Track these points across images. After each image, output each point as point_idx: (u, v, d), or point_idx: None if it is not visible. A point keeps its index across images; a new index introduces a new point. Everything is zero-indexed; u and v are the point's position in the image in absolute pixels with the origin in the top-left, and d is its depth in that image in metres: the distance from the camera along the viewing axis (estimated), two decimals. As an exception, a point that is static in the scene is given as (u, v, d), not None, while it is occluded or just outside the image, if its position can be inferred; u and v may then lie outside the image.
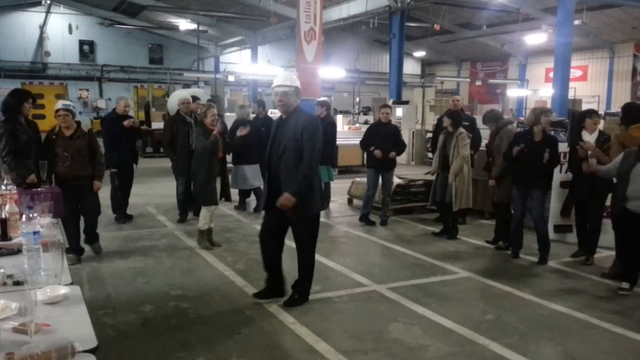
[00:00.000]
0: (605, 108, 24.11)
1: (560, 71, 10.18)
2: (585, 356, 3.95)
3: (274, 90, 4.75)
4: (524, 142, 6.24)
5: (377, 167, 8.12)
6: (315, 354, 3.88)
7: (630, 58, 25.77)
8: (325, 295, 5.12)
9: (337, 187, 11.55)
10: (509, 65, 31.52)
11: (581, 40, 24.50)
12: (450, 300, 5.05)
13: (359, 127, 18.53)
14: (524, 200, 6.35)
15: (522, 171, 6.24)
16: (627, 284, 5.37)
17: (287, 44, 24.76)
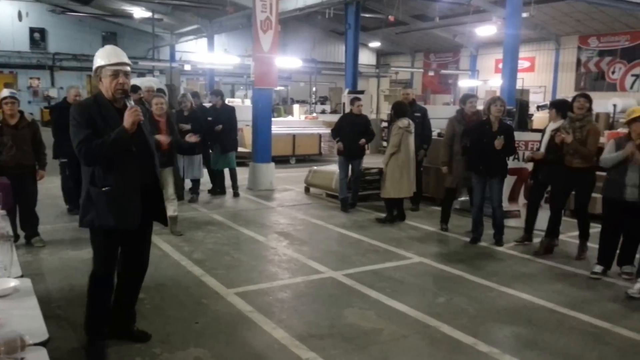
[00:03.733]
0: (552, 98, 24.92)
1: (508, 62, 10.49)
2: (531, 336, 4.14)
3: (122, 70, 3.50)
4: (482, 132, 6.45)
5: (346, 155, 8.37)
6: (273, 340, 3.93)
7: (575, 50, 26.67)
8: (283, 283, 5.18)
9: (295, 176, 11.66)
10: (461, 56, 32.12)
11: (529, 32, 25.19)
12: (404, 285, 5.20)
13: (315, 117, 18.60)
14: (483, 188, 6.58)
15: (481, 160, 6.46)
16: (601, 267, 5.53)
17: (243, 33, 24.49)
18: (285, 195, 9.94)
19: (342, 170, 8.52)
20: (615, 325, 4.33)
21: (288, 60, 21.35)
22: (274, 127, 11.99)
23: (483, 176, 6.51)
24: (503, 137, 6.25)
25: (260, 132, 10.41)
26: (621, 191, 5.26)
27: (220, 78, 27.47)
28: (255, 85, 10.36)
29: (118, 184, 3.45)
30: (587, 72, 26.24)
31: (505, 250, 6.49)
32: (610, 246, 5.56)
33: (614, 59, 25.05)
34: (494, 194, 6.53)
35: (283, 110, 22.80)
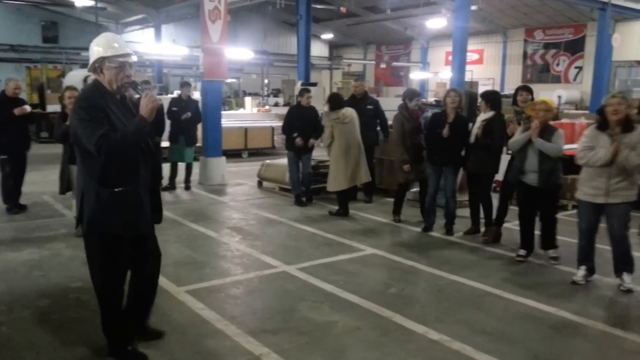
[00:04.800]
0: (500, 90, 25.55)
1: (457, 55, 10.66)
2: (480, 322, 4.22)
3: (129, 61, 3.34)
4: (438, 123, 6.55)
5: (295, 150, 8.28)
6: (225, 338, 3.87)
7: (521, 43, 27.41)
8: (235, 279, 5.11)
9: (248, 170, 11.55)
10: (412, 48, 32.51)
11: (477, 25, 25.73)
12: (358, 277, 5.21)
13: (268, 109, 18.44)
14: (438, 178, 6.68)
15: (436, 151, 6.54)
16: (524, 251, 5.80)
17: (192, 23, 24.00)
18: (237, 189, 9.83)
19: (293, 166, 8.41)
20: (560, 309, 4.46)
21: (239, 51, 21.09)
22: (225, 120, 11.85)
23: (438, 166, 6.60)
24: (448, 126, 6.35)
25: (210, 126, 10.24)
26: (522, 176, 5.56)
27: (169, 70, 26.90)
28: (204, 77, 10.18)
29: (131, 184, 3.27)
30: (533, 64, 27.02)
31: (455, 239, 6.60)
32: (525, 229, 5.79)
33: (558, 51, 25.88)
34: (447, 184, 6.64)
35: (235, 103, 22.53)
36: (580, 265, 5.17)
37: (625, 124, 4.70)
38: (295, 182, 8.47)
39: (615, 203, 4.78)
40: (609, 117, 4.74)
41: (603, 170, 4.76)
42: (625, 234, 4.87)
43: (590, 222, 5.00)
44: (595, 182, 4.84)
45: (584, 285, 5.06)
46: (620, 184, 4.73)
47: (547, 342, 3.91)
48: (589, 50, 22.41)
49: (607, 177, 4.75)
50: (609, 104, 4.76)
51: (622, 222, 4.83)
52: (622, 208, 4.79)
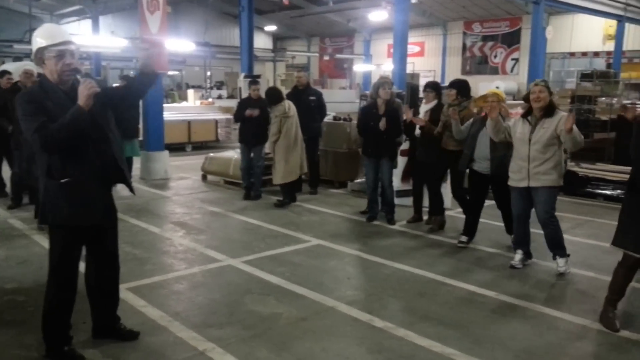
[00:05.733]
0: (441, 81, 26.11)
1: (398, 47, 10.77)
2: (423, 308, 4.32)
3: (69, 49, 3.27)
4: (370, 115, 6.61)
5: (246, 142, 8.19)
6: (168, 334, 3.80)
7: (461, 35, 28.08)
8: (179, 274, 5.02)
9: (191, 164, 11.37)
10: (355, 40, 32.74)
11: (418, 17, 26.17)
12: (303, 268, 5.23)
13: (211, 102, 18.18)
14: (375, 169, 6.75)
15: (371, 143, 6.60)
16: (466, 237, 5.97)
17: (131, 14, 23.28)
18: (181, 183, 9.66)
19: (244, 157, 8.33)
20: (500, 293, 4.62)
21: (180, 43, 20.63)
22: (167, 113, 11.61)
23: (374, 158, 6.68)
24: (385, 120, 6.44)
25: (151, 119, 10.00)
26: (473, 164, 5.73)
27: (107, 62, 26.04)
28: (144, 69, 9.89)
29: (78, 175, 3.18)
30: (471, 56, 27.74)
31: (397, 228, 6.72)
32: (471, 216, 5.98)
33: (496, 43, 26.67)
34: (384, 175, 6.74)
35: (177, 95, 22.09)
36: (517, 250, 5.36)
37: (547, 110, 4.89)
38: (245, 174, 8.38)
39: (537, 187, 4.95)
40: (532, 104, 4.93)
41: (523, 155, 4.96)
42: (550, 217, 5.04)
43: (521, 207, 5.17)
44: (518, 167, 5.03)
45: (521, 269, 5.25)
46: (538, 168, 4.90)
47: (488, 325, 4.04)
48: (525, 42, 23.18)
49: (527, 162, 4.93)
50: (531, 92, 4.96)
51: (545, 206, 5.00)
52: (544, 192, 4.96)
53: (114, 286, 3.69)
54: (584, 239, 6.18)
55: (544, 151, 4.89)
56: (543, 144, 4.87)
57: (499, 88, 18.69)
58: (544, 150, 4.89)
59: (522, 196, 5.13)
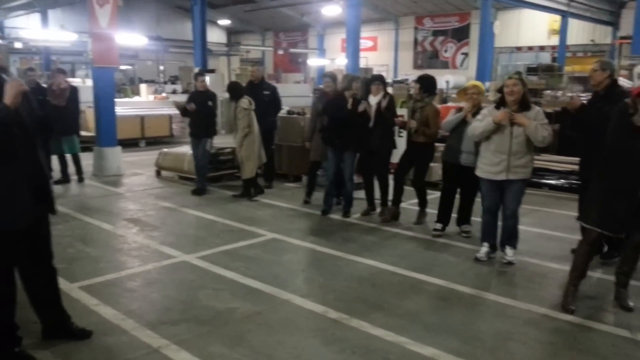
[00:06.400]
0: (393, 76, 26.46)
1: (351, 42, 10.90)
2: (377, 299, 4.41)
3: None
4: (338, 107, 6.70)
5: (196, 135, 8.19)
6: (122, 333, 3.77)
7: (412, 30, 28.52)
8: (132, 272, 4.97)
9: (145, 159, 11.20)
10: (309, 35, 32.81)
11: (371, 12, 26.41)
12: (258, 262, 5.26)
13: (165, 97, 17.90)
14: (337, 161, 6.84)
15: (337, 135, 6.68)
16: (441, 224, 6.15)
17: (81, 7, 22.53)
18: (134, 180, 9.51)
19: (195, 151, 8.33)
20: (450, 282, 4.77)
21: (131, 37, 20.21)
22: (119, 108, 11.41)
23: (339, 150, 6.77)
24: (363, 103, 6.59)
25: (103, 114, 9.80)
26: (458, 156, 5.83)
27: (58, 57, 25.25)
28: (94, 63, 9.71)
29: (3, 176, 3.05)
30: (423, 50, 28.22)
31: (353, 220, 6.83)
32: (447, 205, 6.15)
33: (446, 38, 27.21)
34: (346, 168, 6.83)
35: (130, 90, 21.65)
36: (483, 242, 5.46)
37: (522, 103, 5.01)
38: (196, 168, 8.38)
39: (513, 180, 5.09)
40: (506, 97, 5.03)
41: (504, 148, 5.03)
42: (517, 210, 5.22)
43: (494, 199, 5.28)
44: (496, 159, 5.08)
45: (486, 261, 5.35)
46: (519, 161, 5.03)
47: (438, 313, 4.17)
48: (474, 37, 23.74)
49: (508, 155, 5.03)
50: (505, 85, 5.06)
51: (517, 198, 5.17)
52: (518, 185, 5.12)
53: (52, 288, 3.60)
54: (530, 228, 6.42)
55: (525, 144, 5.02)
56: (525, 137, 4.99)
57: (448, 82, 19.06)
58: (524, 144, 5.02)
59: (496, 189, 5.23)
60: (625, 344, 3.71)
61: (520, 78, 5.10)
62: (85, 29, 22.03)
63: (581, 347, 3.65)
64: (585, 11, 21.26)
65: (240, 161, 7.83)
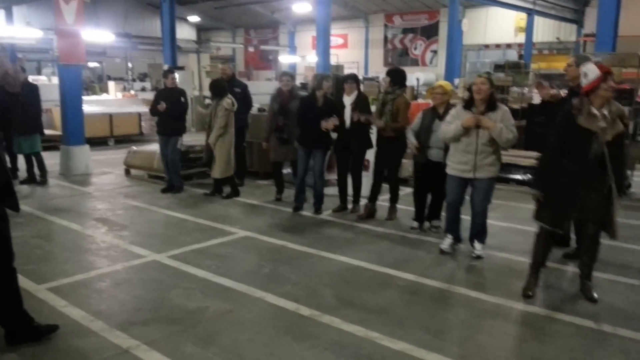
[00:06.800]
0: (364, 73, 26.60)
1: (322, 39, 10.91)
2: (349, 295, 4.45)
3: None
4: (308, 106, 6.70)
5: (164, 133, 8.09)
6: (91, 334, 3.72)
7: (382, 28, 28.69)
8: (101, 272, 4.90)
9: (114, 158, 11.05)
10: (280, 32, 32.72)
11: (341, 10, 26.48)
12: (230, 260, 5.24)
13: (134, 95, 17.66)
14: (307, 160, 6.85)
15: (308, 133, 6.68)
16: (417, 222, 6.22)
17: (46, 4, 21.98)
18: (103, 179, 9.37)
19: (163, 149, 8.23)
20: (420, 276, 4.83)
21: (98, 34, 19.85)
22: (87, 106, 11.23)
23: (309, 149, 6.77)
24: (332, 120, 6.54)
25: (70, 113, 9.62)
26: (427, 152, 5.89)
27: (23, 54, 24.67)
28: (60, 61, 9.53)
29: None
30: (393, 48, 28.41)
31: (325, 217, 6.85)
32: (421, 203, 6.22)
33: (416, 36, 27.45)
34: (316, 165, 6.85)
35: (98, 88, 21.30)
36: (447, 234, 5.58)
37: (489, 103, 5.10)
38: (166, 166, 8.28)
39: (481, 178, 5.18)
40: (474, 95, 5.10)
41: (471, 147, 5.11)
42: (486, 207, 5.32)
43: (457, 195, 5.38)
44: (464, 158, 5.16)
45: (451, 253, 5.48)
46: (486, 160, 5.12)
47: (409, 308, 4.22)
48: (443, 34, 23.99)
49: (474, 154, 5.11)
50: (474, 83, 5.14)
51: (485, 196, 5.26)
52: (486, 183, 5.21)
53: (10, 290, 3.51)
54: (498, 222, 6.53)
55: (491, 144, 5.10)
56: (489, 137, 5.06)
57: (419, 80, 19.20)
58: (490, 143, 5.09)
59: (461, 186, 5.32)
60: (591, 334, 3.81)
61: (489, 77, 5.17)
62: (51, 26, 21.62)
63: (548, 338, 3.74)
64: (551, 9, 21.69)
65: (213, 160, 7.74)
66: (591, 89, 4.05)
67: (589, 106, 4.06)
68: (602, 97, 4.05)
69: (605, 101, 4.07)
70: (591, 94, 4.06)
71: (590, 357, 3.50)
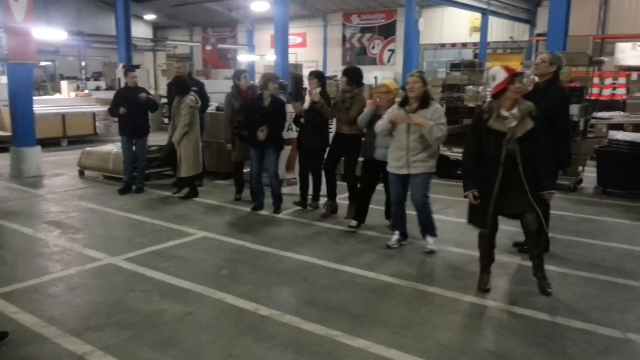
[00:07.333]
0: (323, 71, 26.61)
1: (280, 38, 10.88)
2: (308, 293, 4.45)
3: None
4: (255, 107, 6.65)
5: (128, 134, 7.89)
6: (44, 341, 3.61)
7: (340, 27, 28.81)
8: (54, 277, 4.76)
9: (68, 159, 10.77)
10: (238, 31, 32.46)
11: (299, 9, 26.48)
12: (188, 261, 5.17)
13: (88, 94, 17.25)
14: (260, 159, 6.80)
15: (255, 134, 6.63)
16: (356, 222, 6.21)
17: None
18: (56, 180, 9.11)
19: (125, 150, 8.01)
20: (379, 274, 4.87)
21: (50, 31, 19.28)
22: (38, 106, 10.93)
23: (258, 148, 6.73)
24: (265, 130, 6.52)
25: (20, 113, 9.32)
26: (372, 152, 5.93)
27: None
28: (9, 59, 9.22)
29: None
30: (351, 47, 28.57)
31: (284, 216, 6.83)
32: (364, 202, 6.23)
33: (373, 35, 27.67)
34: (269, 165, 6.82)
35: (50, 87, 20.71)
36: (394, 231, 5.68)
37: (422, 100, 5.19)
38: (127, 168, 8.06)
39: (415, 174, 5.29)
40: (408, 93, 5.23)
41: (402, 144, 5.25)
42: (425, 201, 5.42)
43: (398, 191, 5.49)
44: (397, 155, 5.32)
45: (398, 248, 5.57)
46: (417, 156, 5.22)
47: (368, 305, 4.25)
48: (400, 34, 24.26)
49: (407, 151, 5.24)
50: (407, 82, 5.27)
51: (421, 190, 5.36)
52: (421, 178, 5.32)
53: None
54: (455, 218, 6.65)
55: (421, 141, 5.18)
56: (420, 134, 5.15)
57: (377, 78, 19.40)
58: (421, 140, 5.18)
59: (400, 181, 5.43)
60: (545, 327, 3.91)
61: (421, 76, 5.28)
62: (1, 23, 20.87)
63: (505, 331, 3.82)
64: (504, 9, 22.21)
65: (179, 159, 7.57)
66: (500, 91, 4.18)
67: (499, 108, 4.20)
68: (510, 99, 4.18)
69: (514, 102, 4.20)
70: (500, 95, 4.19)
71: (545, 349, 3.59)
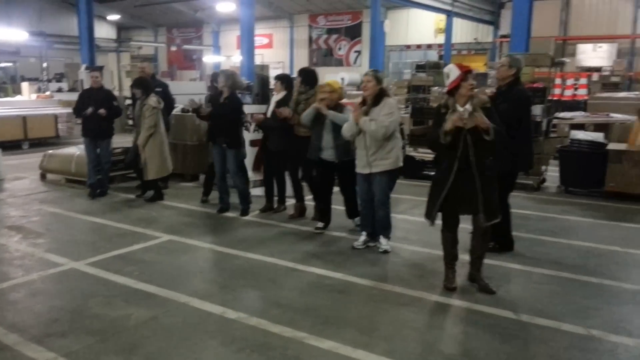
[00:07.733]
0: (290, 73, 26.63)
1: (246, 39, 10.84)
2: (275, 296, 4.44)
3: None
4: (214, 103, 6.63)
5: (91, 135, 7.73)
6: (5, 349, 3.52)
7: (307, 28, 28.86)
8: (14, 282, 4.64)
9: (29, 162, 10.52)
10: (204, 32, 32.22)
11: (265, 10, 26.41)
12: (153, 265, 5.10)
13: (50, 96, 16.88)
14: (222, 158, 6.75)
15: (216, 131, 6.62)
16: (322, 223, 6.23)
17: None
18: (17, 184, 8.88)
19: (89, 152, 7.84)
20: (346, 275, 4.89)
21: (10, 32, 18.80)
22: (-3, 108, 10.61)
23: (219, 146, 6.71)
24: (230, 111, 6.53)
25: (-23, 116, 9.06)
26: (319, 153, 5.95)
27: None
28: (-35, 60, 8.95)
29: None
30: (318, 48, 28.66)
31: (250, 218, 6.80)
32: (323, 203, 6.27)
33: (340, 36, 27.82)
34: (229, 165, 6.77)
35: (11, 89, 20.21)
36: (362, 231, 5.72)
37: (375, 99, 5.27)
38: (91, 170, 7.89)
39: (376, 172, 5.35)
40: (363, 92, 5.31)
41: (362, 145, 5.32)
42: (385, 201, 5.48)
43: (365, 191, 5.53)
44: (359, 155, 5.39)
45: (364, 249, 5.59)
46: (375, 156, 5.29)
47: (335, 306, 4.26)
48: (366, 35, 24.46)
49: (366, 151, 5.30)
50: (362, 82, 5.33)
51: (382, 189, 5.42)
52: (381, 176, 5.38)
53: None
54: (421, 218, 6.58)
55: (374, 139, 5.23)
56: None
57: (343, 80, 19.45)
58: (374, 139, 5.23)
59: (366, 181, 5.47)
60: (510, 324, 3.98)
61: (375, 75, 5.35)
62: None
63: (470, 329, 3.89)
64: (468, 11, 22.58)
65: (144, 162, 7.45)
66: (454, 88, 4.30)
67: (454, 104, 4.32)
68: (464, 95, 4.30)
69: (468, 98, 4.31)
70: (454, 92, 4.32)
71: (509, 346, 3.66)
